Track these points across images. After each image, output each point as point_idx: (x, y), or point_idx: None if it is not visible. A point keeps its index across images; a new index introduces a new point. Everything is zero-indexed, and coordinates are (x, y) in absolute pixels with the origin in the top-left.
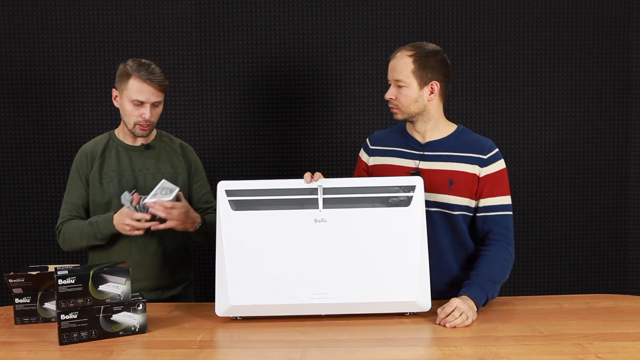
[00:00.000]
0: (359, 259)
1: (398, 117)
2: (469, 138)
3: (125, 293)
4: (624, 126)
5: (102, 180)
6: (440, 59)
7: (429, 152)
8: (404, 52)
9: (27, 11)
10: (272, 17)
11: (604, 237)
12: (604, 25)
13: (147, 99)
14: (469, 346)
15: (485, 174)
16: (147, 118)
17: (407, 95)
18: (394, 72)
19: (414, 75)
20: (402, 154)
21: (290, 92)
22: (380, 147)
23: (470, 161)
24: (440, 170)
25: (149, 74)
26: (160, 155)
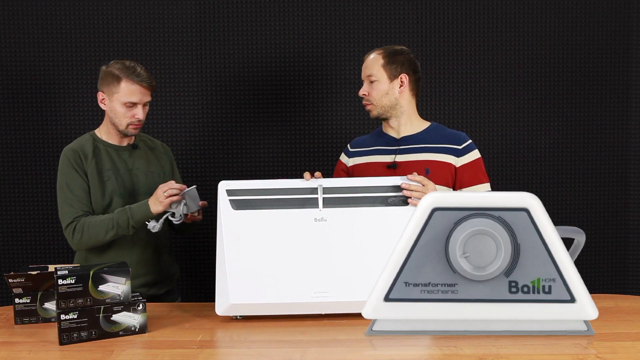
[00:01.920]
0: (358, 258)
1: (373, 113)
2: (443, 132)
3: (125, 293)
4: (624, 126)
5: (101, 179)
6: (408, 57)
7: (405, 145)
8: (375, 51)
9: (28, 11)
10: (272, 17)
11: (604, 237)
12: (604, 25)
13: (140, 100)
14: (469, 346)
15: (462, 163)
16: (140, 118)
17: (378, 89)
18: (366, 69)
19: (383, 69)
20: (379, 151)
21: (290, 92)
22: (359, 148)
23: (446, 151)
24: (416, 161)
25: (139, 76)
26: (147, 154)
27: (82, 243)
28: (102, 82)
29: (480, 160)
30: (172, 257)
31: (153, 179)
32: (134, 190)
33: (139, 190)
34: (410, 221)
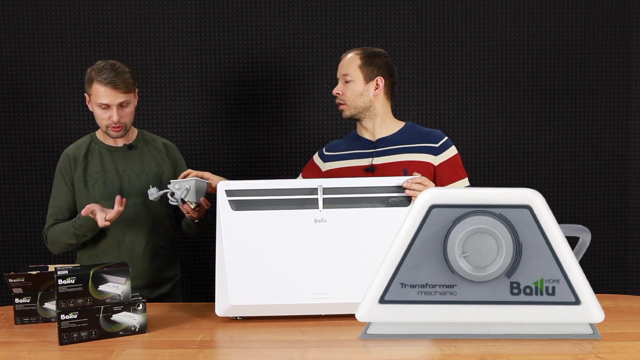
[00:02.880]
0: (358, 258)
1: (346, 113)
2: (418, 131)
3: (125, 293)
4: (624, 126)
5: (87, 183)
6: (385, 60)
7: (381, 147)
8: (353, 52)
9: (27, 11)
10: (272, 17)
11: (604, 237)
12: (604, 25)
13: (111, 102)
14: (468, 346)
15: (441, 161)
16: (115, 120)
17: (353, 89)
18: (342, 68)
19: (360, 70)
20: (355, 155)
21: (289, 92)
22: (333, 152)
23: (423, 150)
24: (393, 163)
25: (112, 77)
26: (143, 154)
27: (54, 249)
28: (86, 83)
29: (457, 157)
30: (172, 260)
31: (147, 179)
32: (124, 192)
33: (130, 192)
34: (407, 219)
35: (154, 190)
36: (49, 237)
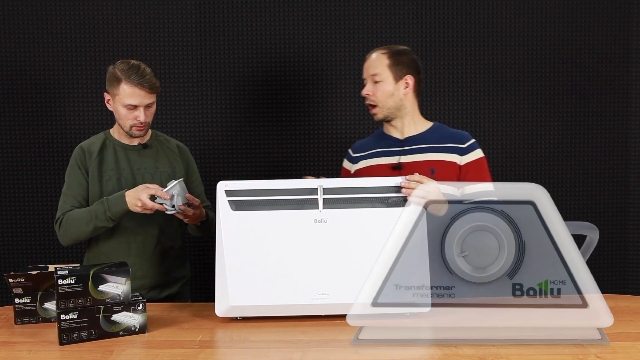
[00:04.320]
0: (359, 259)
1: (378, 116)
2: (446, 131)
3: (125, 293)
4: (624, 126)
5: (101, 178)
6: (412, 58)
7: (409, 146)
8: (379, 51)
9: (27, 11)
10: (272, 17)
11: (604, 237)
12: (604, 25)
13: (140, 103)
14: (469, 346)
15: (466, 162)
16: (142, 120)
17: (383, 89)
18: (370, 68)
19: (389, 70)
20: (383, 153)
21: (289, 92)
22: (361, 153)
23: (450, 150)
24: (421, 162)
25: (139, 78)
26: (158, 154)
27: (65, 237)
28: (107, 82)
29: (483, 160)
30: (181, 261)
31: (160, 179)
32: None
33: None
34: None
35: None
36: (64, 222)
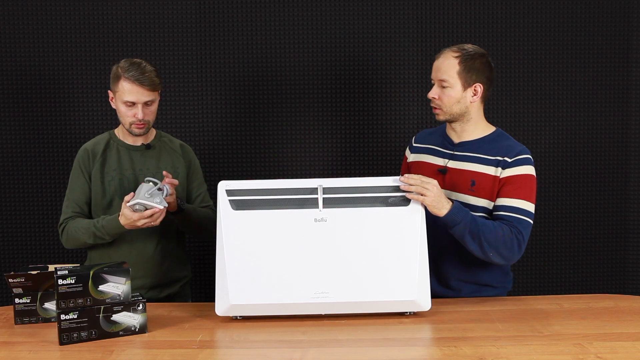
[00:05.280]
0: (358, 258)
1: (440, 117)
2: (501, 143)
3: (125, 293)
4: (624, 126)
5: (103, 179)
6: (485, 62)
7: (459, 152)
8: (450, 53)
9: (27, 11)
10: (272, 17)
11: (604, 237)
12: (604, 25)
13: (138, 100)
14: (469, 346)
15: (506, 175)
16: (140, 118)
17: (450, 95)
18: (439, 72)
19: (458, 77)
20: (436, 152)
21: (289, 92)
22: (421, 144)
23: (493, 163)
24: (465, 170)
25: (138, 75)
26: (161, 155)
27: (68, 244)
28: (111, 80)
29: (530, 178)
30: (182, 261)
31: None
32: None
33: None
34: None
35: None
36: (66, 231)
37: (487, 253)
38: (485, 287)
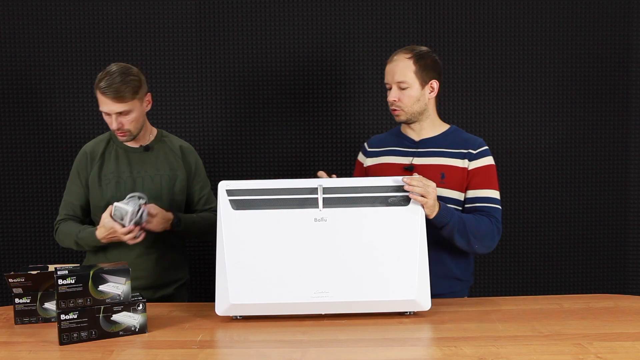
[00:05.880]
0: (358, 258)
1: (401, 118)
2: (460, 136)
3: (125, 293)
4: (624, 126)
5: (100, 182)
6: (435, 59)
7: (422, 148)
8: (403, 55)
9: (27, 11)
10: (272, 17)
11: (604, 237)
12: (604, 25)
13: (109, 110)
14: (469, 346)
15: (474, 167)
16: (114, 128)
17: (410, 95)
18: (395, 75)
19: (415, 76)
20: (397, 152)
21: (290, 92)
22: (376, 149)
23: (460, 156)
24: (432, 165)
25: (105, 86)
26: (158, 157)
27: (62, 244)
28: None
29: (493, 168)
30: (179, 263)
31: (160, 183)
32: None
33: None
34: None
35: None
36: (58, 232)
37: (473, 246)
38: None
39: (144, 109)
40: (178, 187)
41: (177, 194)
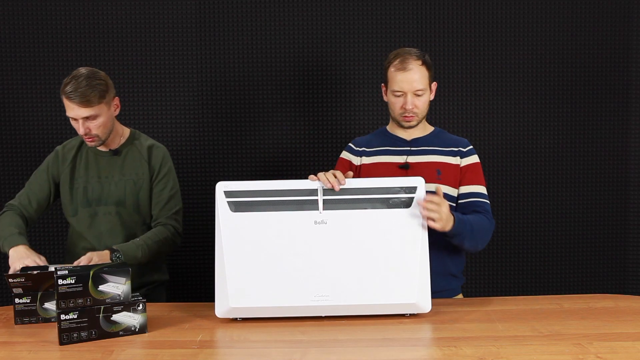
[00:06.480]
0: (359, 260)
1: (412, 124)
2: (447, 136)
3: (125, 293)
4: (623, 126)
5: (72, 185)
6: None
7: (416, 147)
8: (415, 63)
9: (27, 11)
10: (272, 17)
11: (604, 237)
12: (604, 25)
13: (76, 115)
14: (469, 346)
15: (465, 164)
16: (81, 133)
17: (425, 101)
18: (414, 83)
19: (428, 82)
20: (390, 151)
21: (289, 92)
22: (367, 148)
23: (453, 154)
24: (428, 162)
25: (70, 91)
26: (125, 162)
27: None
28: None
29: (479, 165)
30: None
31: (124, 189)
32: (101, 200)
33: (107, 200)
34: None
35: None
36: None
37: (477, 247)
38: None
39: (111, 113)
40: (143, 191)
41: (142, 199)
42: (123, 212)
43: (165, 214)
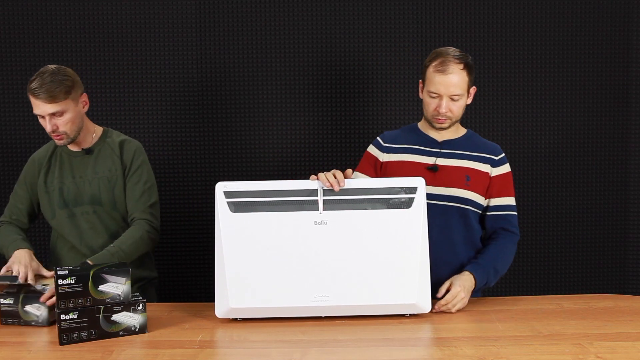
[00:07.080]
0: (359, 261)
1: (444, 126)
2: (479, 141)
3: (125, 293)
4: (624, 126)
5: (47, 188)
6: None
7: (446, 149)
8: (456, 66)
9: (27, 11)
10: (272, 17)
11: (604, 237)
12: (604, 25)
13: (42, 112)
14: (469, 346)
15: (496, 174)
16: (49, 130)
17: (460, 105)
18: (451, 87)
19: (467, 86)
20: (419, 151)
21: (289, 92)
22: (393, 144)
23: (484, 160)
24: (457, 167)
25: (36, 87)
26: (98, 160)
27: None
28: None
29: (510, 175)
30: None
31: (98, 187)
32: (77, 200)
33: (82, 200)
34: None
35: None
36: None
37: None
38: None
39: (79, 110)
40: (118, 188)
41: (117, 195)
42: (100, 210)
43: (140, 207)
